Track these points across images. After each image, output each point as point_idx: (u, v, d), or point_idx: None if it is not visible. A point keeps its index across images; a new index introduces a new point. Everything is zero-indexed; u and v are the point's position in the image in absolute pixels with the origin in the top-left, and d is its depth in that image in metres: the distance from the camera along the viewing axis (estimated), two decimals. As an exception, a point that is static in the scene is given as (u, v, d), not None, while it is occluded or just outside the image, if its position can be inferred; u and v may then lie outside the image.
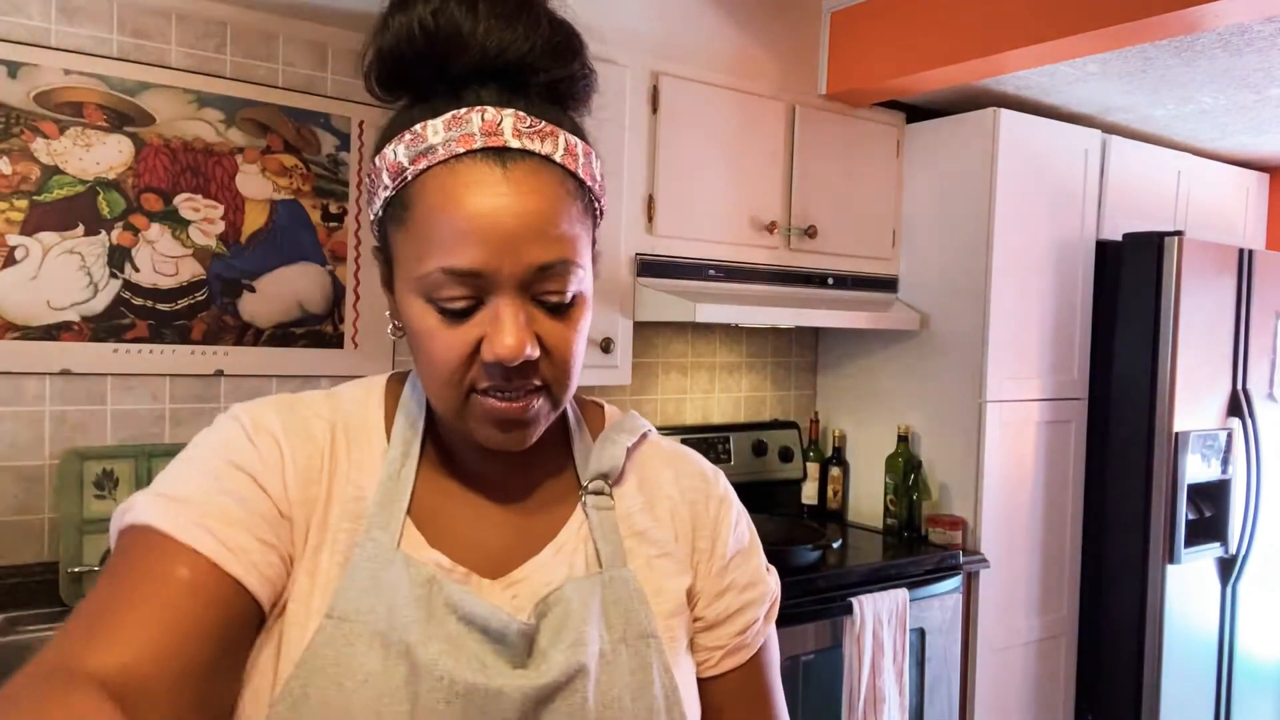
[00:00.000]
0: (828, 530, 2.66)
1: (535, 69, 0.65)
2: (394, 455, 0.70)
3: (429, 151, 0.63)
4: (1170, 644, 2.70)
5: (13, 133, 1.81)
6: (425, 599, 0.65)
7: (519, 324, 0.62)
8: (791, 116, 2.52)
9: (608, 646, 0.68)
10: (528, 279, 0.63)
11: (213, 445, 0.67)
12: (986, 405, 2.57)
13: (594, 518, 0.73)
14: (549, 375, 0.66)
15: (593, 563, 0.71)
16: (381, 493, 0.68)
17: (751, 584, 0.78)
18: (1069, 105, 2.80)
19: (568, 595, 0.68)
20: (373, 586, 0.65)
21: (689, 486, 0.79)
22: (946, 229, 2.68)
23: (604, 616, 0.69)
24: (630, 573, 0.72)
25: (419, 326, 0.65)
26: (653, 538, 0.74)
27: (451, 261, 0.62)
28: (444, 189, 0.62)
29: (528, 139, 0.63)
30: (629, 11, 2.22)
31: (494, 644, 0.66)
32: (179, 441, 1.99)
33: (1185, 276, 2.65)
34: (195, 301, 2.01)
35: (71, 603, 1.83)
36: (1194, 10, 1.88)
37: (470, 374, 0.64)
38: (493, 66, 0.64)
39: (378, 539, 0.66)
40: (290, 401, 0.71)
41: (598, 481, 0.74)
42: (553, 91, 0.67)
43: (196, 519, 0.61)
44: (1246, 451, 2.86)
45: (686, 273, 2.33)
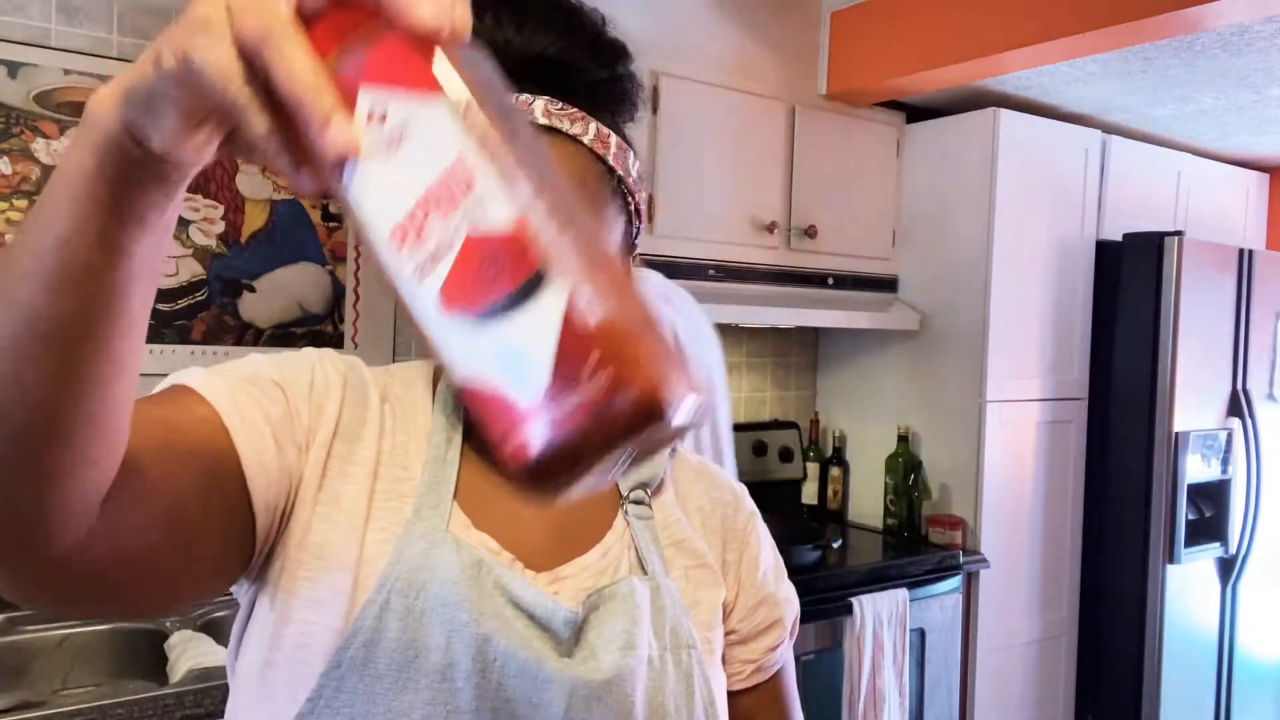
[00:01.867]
0: (828, 530, 2.66)
1: (575, 69, 0.67)
2: (439, 439, 0.70)
3: None
4: (1170, 644, 2.70)
5: (13, 133, 1.81)
6: (475, 579, 0.65)
7: None
8: (791, 116, 2.52)
9: (656, 654, 0.68)
10: None
11: (273, 357, 0.68)
12: (986, 405, 2.57)
13: (635, 526, 0.73)
14: None
15: (636, 570, 0.72)
16: (429, 474, 0.68)
17: (783, 601, 0.80)
18: (1069, 105, 2.80)
19: (623, 592, 0.68)
20: (423, 564, 0.64)
21: (719, 499, 0.80)
22: (946, 229, 2.68)
23: (653, 622, 0.69)
24: (671, 583, 0.72)
25: None
26: (690, 549, 0.75)
27: None
28: None
29: (558, 119, 0.65)
30: (629, 11, 2.22)
31: (541, 629, 0.66)
32: (179, 441, 1.99)
33: (1185, 276, 2.65)
34: (195, 301, 2.01)
35: (71, 603, 1.83)
36: (1194, 10, 1.88)
37: None
38: (532, 64, 0.66)
39: (427, 519, 0.66)
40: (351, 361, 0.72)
41: (638, 491, 0.75)
42: (592, 93, 0.69)
43: (230, 386, 0.62)
44: (1246, 451, 2.86)
45: (686, 273, 2.33)
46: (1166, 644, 2.69)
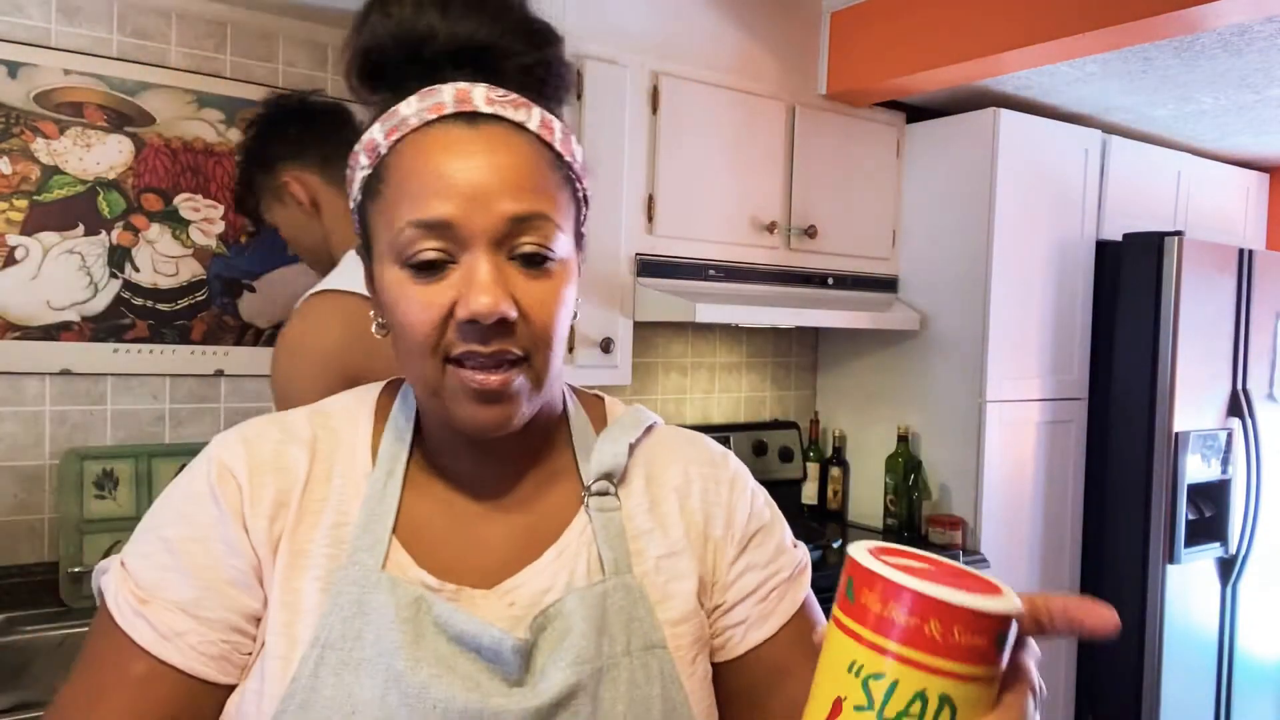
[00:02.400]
0: (828, 530, 2.66)
1: (506, 53, 0.65)
2: (378, 474, 0.68)
3: (402, 123, 0.63)
4: (1170, 644, 2.70)
5: (13, 133, 1.82)
6: (413, 620, 0.63)
7: (493, 279, 0.60)
8: (791, 116, 2.52)
9: (609, 661, 0.65)
10: (501, 233, 0.61)
11: (177, 500, 0.67)
12: (986, 405, 2.57)
13: (598, 520, 0.70)
14: (528, 343, 0.63)
15: (595, 568, 0.68)
16: (365, 514, 0.66)
17: (773, 559, 0.75)
18: (1069, 105, 2.80)
19: (568, 608, 0.66)
20: (357, 612, 0.63)
21: (698, 474, 0.75)
22: (946, 229, 2.68)
23: (606, 629, 0.66)
24: (635, 580, 0.69)
25: (393, 296, 0.63)
26: (660, 538, 0.72)
27: (421, 214, 0.61)
28: (416, 151, 0.62)
29: (500, 106, 0.63)
30: (629, 11, 2.22)
31: (488, 662, 0.63)
32: (179, 441, 1.99)
33: (1185, 276, 2.65)
34: (195, 301, 2.01)
35: (72, 602, 1.83)
36: (1194, 10, 1.88)
37: (445, 339, 0.62)
38: (464, 52, 0.64)
39: (361, 562, 0.64)
40: (268, 429, 0.69)
41: (601, 482, 0.71)
42: (527, 76, 0.66)
43: (136, 605, 0.63)
44: (1246, 451, 2.86)
45: (686, 273, 2.33)
46: (1166, 644, 2.69)
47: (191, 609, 0.63)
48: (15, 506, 1.85)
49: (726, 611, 0.73)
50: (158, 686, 0.62)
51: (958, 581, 0.43)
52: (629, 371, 2.26)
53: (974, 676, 0.42)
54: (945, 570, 0.45)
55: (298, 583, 0.64)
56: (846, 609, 0.44)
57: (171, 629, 0.62)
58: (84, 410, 1.91)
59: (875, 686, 0.42)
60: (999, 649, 0.42)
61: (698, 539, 0.73)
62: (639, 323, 2.32)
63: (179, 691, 0.62)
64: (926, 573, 0.43)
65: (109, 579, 0.65)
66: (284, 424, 0.70)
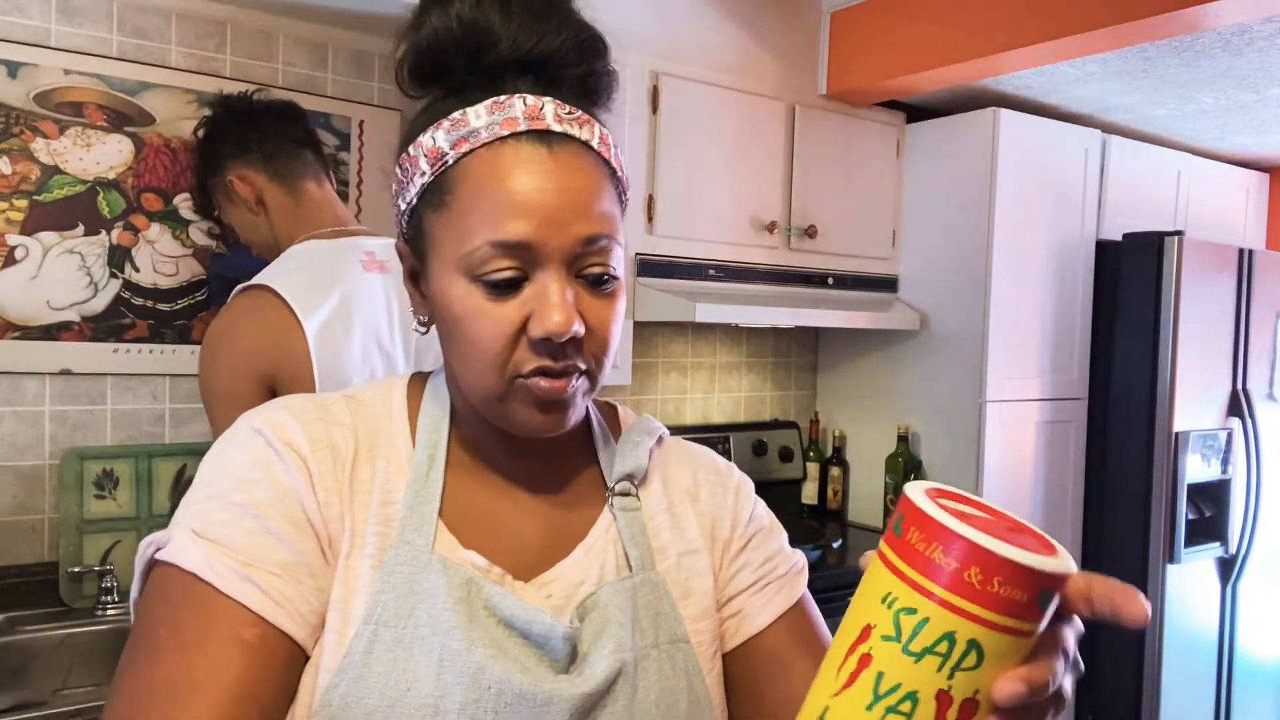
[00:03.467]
0: (828, 530, 2.66)
1: (567, 63, 0.66)
2: (420, 458, 0.69)
3: (471, 135, 0.64)
4: (1170, 644, 2.70)
5: (13, 133, 1.81)
6: (465, 601, 0.64)
7: (567, 299, 0.63)
8: (791, 116, 2.52)
9: (641, 653, 0.68)
10: (573, 254, 0.63)
11: (242, 470, 0.64)
12: (986, 405, 2.57)
13: (621, 519, 0.73)
14: (590, 355, 0.66)
15: (622, 565, 0.71)
16: (411, 495, 0.67)
17: (769, 559, 0.78)
18: (1069, 105, 2.80)
19: (604, 599, 0.68)
20: (409, 591, 0.64)
21: (706, 480, 0.79)
22: (946, 229, 2.68)
23: (637, 621, 0.69)
24: (659, 576, 0.72)
25: (462, 309, 0.64)
26: (679, 537, 0.75)
27: (500, 234, 0.62)
28: (490, 168, 0.63)
29: (569, 124, 0.65)
30: (629, 11, 2.22)
31: (536, 648, 0.65)
32: (179, 441, 1.99)
33: (1185, 276, 2.65)
34: (195, 301, 2.01)
35: (72, 602, 1.83)
36: (1194, 10, 1.88)
37: (515, 355, 0.64)
38: (526, 60, 0.65)
39: (411, 542, 0.65)
40: (312, 410, 0.69)
41: (624, 483, 0.74)
42: (582, 87, 0.68)
43: (241, 570, 0.60)
44: (1246, 451, 2.86)
45: (686, 273, 2.33)
46: (1166, 644, 2.69)
47: (295, 575, 0.62)
48: (15, 506, 1.85)
49: (723, 605, 0.76)
50: (274, 652, 0.60)
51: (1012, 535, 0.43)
52: (629, 371, 2.26)
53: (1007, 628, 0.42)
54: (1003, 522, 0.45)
55: (354, 561, 0.65)
56: (892, 543, 0.44)
57: (282, 594, 0.61)
58: (84, 410, 1.91)
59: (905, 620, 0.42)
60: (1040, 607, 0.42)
61: (709, 540, 0.76)
62: (639, 323, 2.32)
63: (291, 659, 0.61)
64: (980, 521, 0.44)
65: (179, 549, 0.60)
66: (323, 405, 0.70)
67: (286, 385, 1.40)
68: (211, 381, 1.42)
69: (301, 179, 1.63)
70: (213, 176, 1.67)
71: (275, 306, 1.40)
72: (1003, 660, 0.42)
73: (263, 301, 1.41)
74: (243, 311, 1.43)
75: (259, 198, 1.62)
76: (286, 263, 1.50)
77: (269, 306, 1.41)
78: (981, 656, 0.42)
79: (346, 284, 1.46)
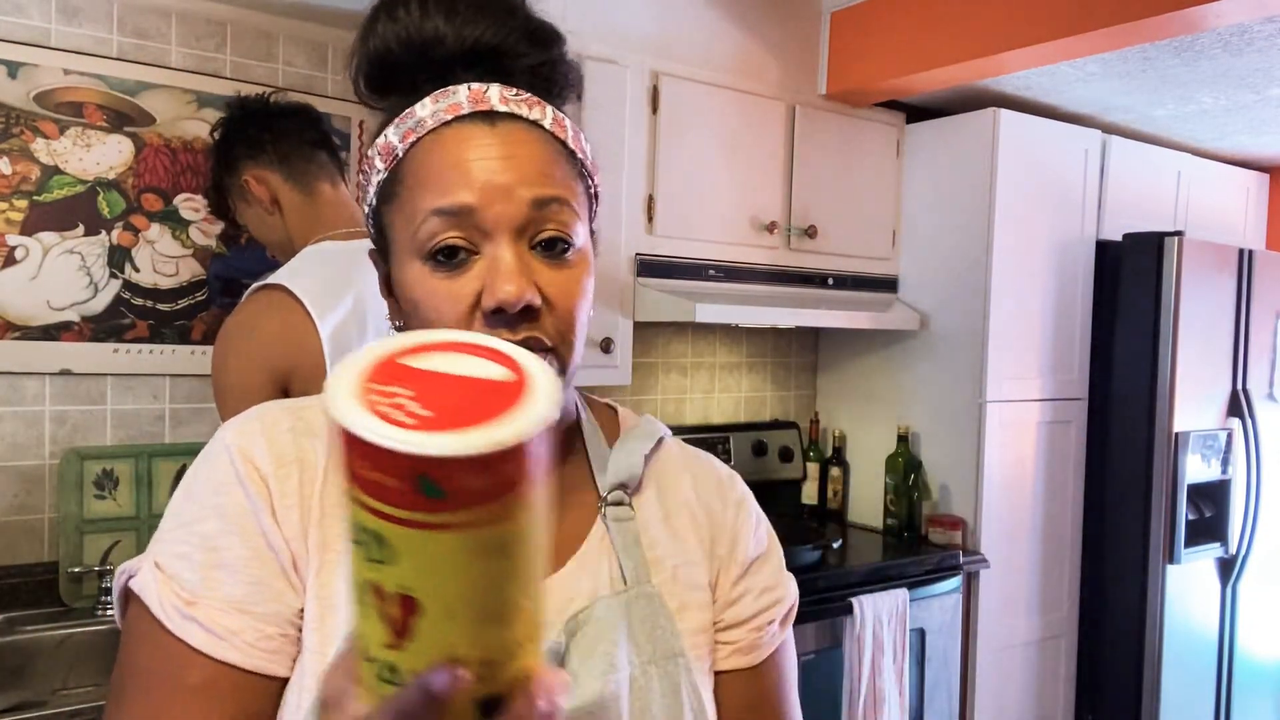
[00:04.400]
0: (828, 530, 2.66)
1: (515, 54, 0.66)
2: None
3: (418, 125, 0.64)
4: (1170, 644, 2.70)
5: (13, 133, 1.82)
6: None
7: (517, 268, 0.61)
8: (791, 116, 2.52)
9: (638, 670, 0.66)
10: (523, 220, 0.62)
11: (205, 495, 0.64)
12: (986, 405, 2.57)
13: (614, 530, 0.70)
14: (553, 332, 0.63)
15: (616, 577, 0.69)
16: None
17: (769, 588, 0.76)
18: (1069, 105, 2.80)
19: (598, 615, 0.66)
20: None
21: (706, 491, 0.77)
22: (946, 229, 2.68)
23: (632, 637, 0.67)
24: (655, 589, 0.70)
25: (417, 292, 0.63)
26: (675, 548, 0.73)
27: (441, 201, 0.61)
28: (433, 149, 0.63)
29: (515, 105, 0.64)
30: (629, 11, 2.22)
31: None
32: (179, 441, 1.99)
33: (1185, 276, 2.65)
34: (195, 301, 2.01)
35: (72, 602, 1.83)
36: (1194, 10, 1.88)
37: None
38: (473, 53, 0.65)
39: None
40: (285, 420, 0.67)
41: (617, 492, 0.72)
42: (535, 76, 0.67)
43: (184, 609, 0.60)
44: (1246, 451, 2.86)
45: (686, 273, 2.33)
46: (1166, 644, 2.68)
47: (244, 605, 0.61)
48: (15, 506, 1.85)
49: (722, 630, 0.74)
50: (219, 688, 0.60)
51: (470, 400, 0.38)
52: (629, 371, 2.26)
53: (393, 517, 0.37)
54: (472, 390, 0.39)
55: (328, 577, 0.64)
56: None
57: (226, 628, 0.60)
58: (84, 410, 1.91)
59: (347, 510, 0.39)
60: (426, 494, 0.36)
61: (706, 553, 0.74)
62: (639, 323, 2.32)
63: (242, 689, 0.61)
64: (443, 384, 0.39)
65: (142, 582, 0.62)
66: (299, 413, 0.68)
67: (300, 385, 1.40)
68: (224, 379, 1.42)
69: (316, 180, 1.63)
70: (228, 177, 1.66)
71: (291, 307, 1.40)
72: (417, 555, 0.37)
73: (278, 301, 1.41)
74: (258, 310, 1.43)
75: (274, 198, 1.62)
76: (301, 263, 1.50)
77: (284, 306, 1.41)
78: (387, 547, 0.37)
79: (360, 286, 1.46)
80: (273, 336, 1.40)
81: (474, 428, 0.36)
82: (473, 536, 0.37)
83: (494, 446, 0.36)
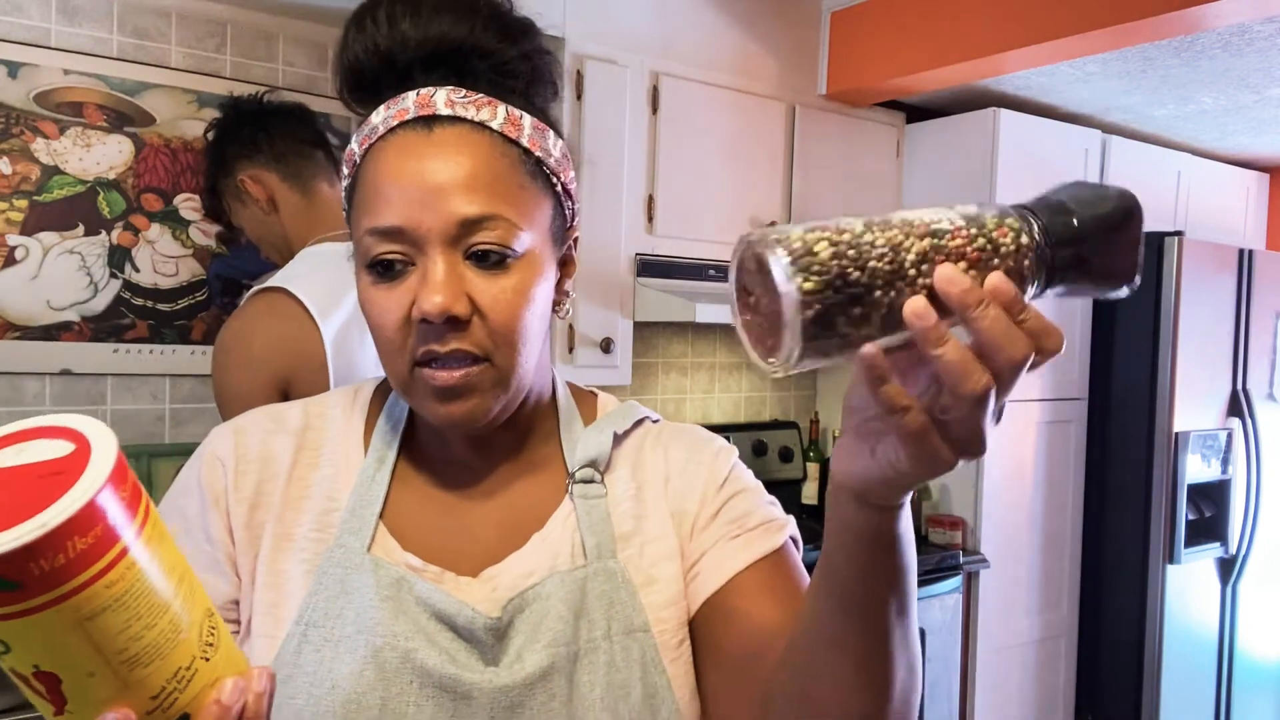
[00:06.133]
0: (828, 530, 2.66)
1: (479, 51, 0.65)
2: (369, 463, 0.70)
3: (372, 132, 0.65)
4: (1170, 644, 2.70)
5: (13, 133, 1.82)
6: (394, 598, 0.65)
7: (444, 279, 0.61)
8: (791, 116, 2.52)
9: (587, 644, 0.66)
10: (454, 234, 0.62)
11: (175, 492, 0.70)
12: (986, 405, 2.57)
13: (581, 507, 0.70)
14: (486, 342, 0.63)
15: (578, 553, 0.69)
16: (354, 499, 0.69)
17: (747, 513, 0.72)
18: (1069, 105, 2.80)
19: (546, 591, 0.66)
20: (340, 591, 0.65)
21: (679, 457, 0.75)
22: (946, 229, 2.68)
23: (586, 612, 0.67)
24: (619, 564, 0.69)
25: (362, 299, 0.65)
26: (645, 524, 0.72)
27: (374, 221, 0.62)
28: (376, 160, 0.64)
29: (460, 107, 0.64)
30: (629, 11, 2.22)
31: (465, 641, 0.65)
32: (179, 441, 1.99)
33: (1185, 276, 2.65)
34: (195, 301, 2.01)
35: (71, 603, 1.83)
36: (1194, 10, 1.88)
37: (409, 342, 0.63)
38: (435, 54, 0.65)
39: (347, 544, 0.66)
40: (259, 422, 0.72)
41: (586, 470, 0.72)
42: (502, 73, 0.67)
43: None
44: (1246, 451, 2.86)
45: (686, 273, 2.33)
46: (1166, 644, 2.68)
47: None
48: (15, 506, 1.85)
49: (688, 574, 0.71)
50: None
51: (25, 489, 0.39)
52: (629, 371, 2.26)
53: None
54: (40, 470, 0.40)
55: (282, 565, 0.67)
56: None
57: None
58: (84, 410, 1.90)
59: None
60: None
61: (680, 520, 0.73)
62: (639, 323, 2.32)
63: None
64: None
65: None
66: (277, 415, 0.73)
67: (301, 389, 1.39)
68: (226, 384, 1.42)
69: (314, 179, 1.62)
70: (224, 178, 1.65)
71: (292, 311, 1.40)
72: (26, 639, 0.39)
73: (279, 305, 1.41)
74: (259, 314, 1.42)
75: (271, 198, 1.61)
76: (301, 265, 1.49)
77: (286, 310, 1.40)
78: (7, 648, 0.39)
79: None
80: (274, 341, 1.40)
81: (26, 520, 0.37)
82: (69, 607, 0.38)
83: (40, 532, 0.36)
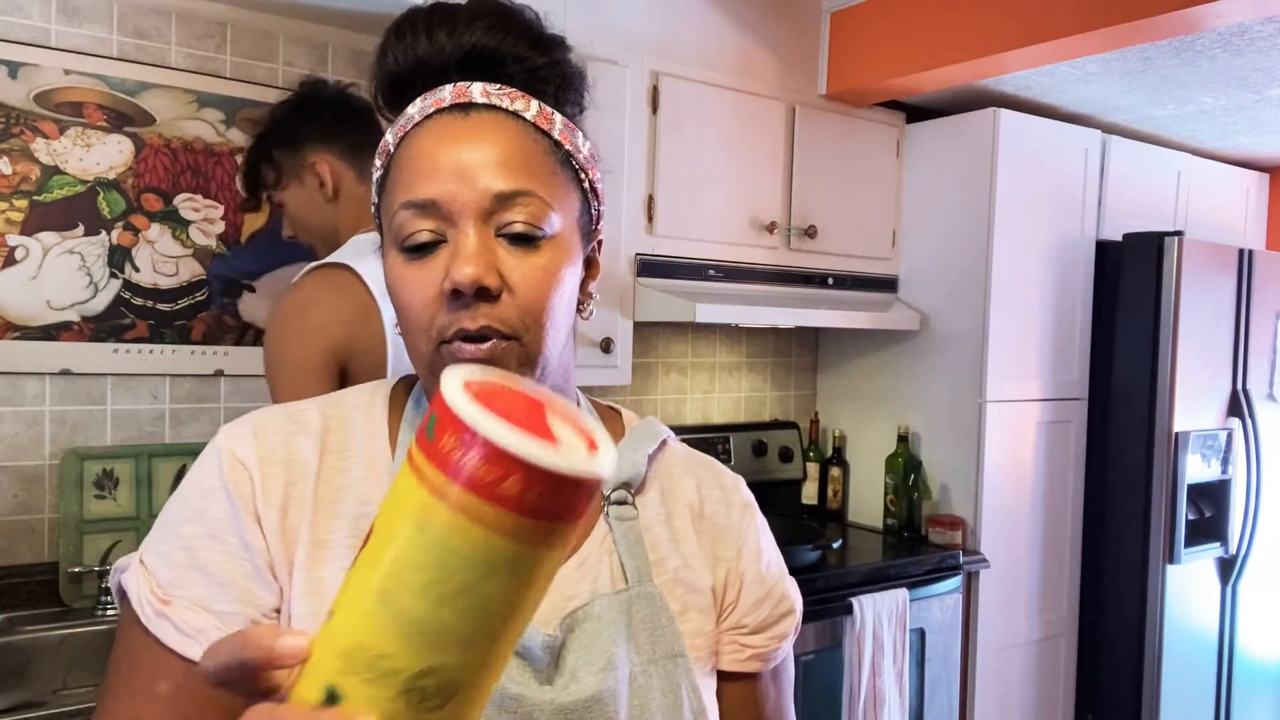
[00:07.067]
0: (828, 530, 2.66)
1: (511, 58, 0.66)
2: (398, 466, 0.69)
3: (407, 121, 0.66)
4: (1170, 644, 2.70)
5: (13, 133, 1.81)
6: None
7: (476, 250, 0.61)
8: (791, 116, 2.52)
9: (638, 668, 0.66)
10: (488, 208, 0.62)
11: (192, 497, 0.66)
12: (986, 405, 2.57)
13: (617, 529, 0.70)
14: (516, 321, 0.62)
15: (618, 577, 0.69)
16: None
17: (785, 597, 0.77)
18: (1069, 105, 2.80)
19: (596, 612, 0.66)
20: None
21: (710, 496, 0.77)
22: (946, 229, 2.68)
23: (632, 636, 0.67)
24: (657, 589, 0.69)
25: (393, 281, 0.65)
26: (677, 550, 0.73)
27: (409, 195, 0.63)
28: (413, 142, 0.65)
29: (495, 98, 0.65)
30: (629, 11, 2.22)
31: (519, 657, 0.64)
32: (179, 441, 1.99)
33: (1185, 276, 2.65)
34: (195, 301, 2.01)
35: (72, 602, 1.83)
36: (1194, 10, 1.88)
37: (438, 319, 0.62)
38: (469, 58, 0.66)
39: None
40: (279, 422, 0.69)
41: (620, 491, 0.72)
42: (533, 78, 0.67)
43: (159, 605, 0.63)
44: (1246, 451, 2.86)
45: (686, 273, 2.33)
46: (1166, 644, 2.68)
47: (208, 604, 0.63)
48: (15, 506, 1.85)
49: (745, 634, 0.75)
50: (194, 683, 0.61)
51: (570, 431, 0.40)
52: (629, 371, 2.26)
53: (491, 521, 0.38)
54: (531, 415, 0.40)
55: (321, 572, 0.64)
56: (423, 445, 0.39)
57: (193, 626, 0.62)
58: (84, 410, 1.91)
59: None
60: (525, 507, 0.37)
61: (708, 558, 0.74)
62: (639, 323, 2.32)
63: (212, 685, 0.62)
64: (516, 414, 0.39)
65: (129, 577, 0.64)
66: (294, 415, 0.70)
67: (360, 364, 1.39)
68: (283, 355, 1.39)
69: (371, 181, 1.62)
70: (289, 154, 1.64)
71: (356, 286, 1.40)
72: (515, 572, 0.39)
73: (343, 280, 1.41)
74: (320, 287, 1.42)
75: (337, 186, 1.62)
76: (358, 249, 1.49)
77: (349, 285, 1.40)
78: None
79: None
80: (336, 313, 1.39)
81: (586, 454, 0.39)
82: (552, 559, 0.39)
83: (593, 474, 0.38)
